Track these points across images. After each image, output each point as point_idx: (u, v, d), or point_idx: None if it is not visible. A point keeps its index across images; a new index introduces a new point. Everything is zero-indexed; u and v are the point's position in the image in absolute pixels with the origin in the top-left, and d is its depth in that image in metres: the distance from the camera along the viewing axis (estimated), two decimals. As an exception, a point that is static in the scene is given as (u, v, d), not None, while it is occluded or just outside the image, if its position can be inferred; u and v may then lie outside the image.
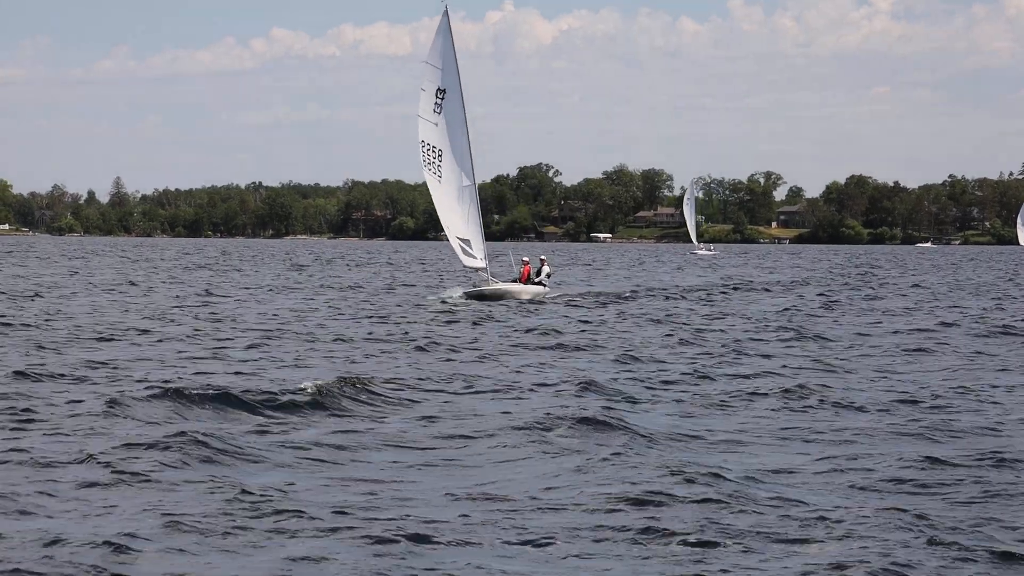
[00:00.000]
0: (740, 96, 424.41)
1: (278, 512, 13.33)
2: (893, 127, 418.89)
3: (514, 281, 53.31)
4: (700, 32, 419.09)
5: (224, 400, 20.41)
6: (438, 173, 51.48)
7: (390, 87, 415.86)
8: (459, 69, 50.98)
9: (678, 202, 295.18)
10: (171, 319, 38.97)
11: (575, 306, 48.13)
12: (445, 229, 51.96)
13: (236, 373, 24.64)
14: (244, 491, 14.10)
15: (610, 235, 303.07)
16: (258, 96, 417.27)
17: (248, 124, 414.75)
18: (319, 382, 22.08)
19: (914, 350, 31.36)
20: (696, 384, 24.07)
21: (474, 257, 51.82)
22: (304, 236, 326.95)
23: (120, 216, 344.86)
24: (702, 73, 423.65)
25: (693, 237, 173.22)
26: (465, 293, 51.50)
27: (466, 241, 51.61)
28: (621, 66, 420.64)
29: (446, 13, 50.95)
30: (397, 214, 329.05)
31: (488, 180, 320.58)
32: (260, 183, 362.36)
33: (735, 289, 64.37)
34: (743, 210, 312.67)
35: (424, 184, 52.97)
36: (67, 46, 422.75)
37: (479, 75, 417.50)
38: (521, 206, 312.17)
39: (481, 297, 50.41)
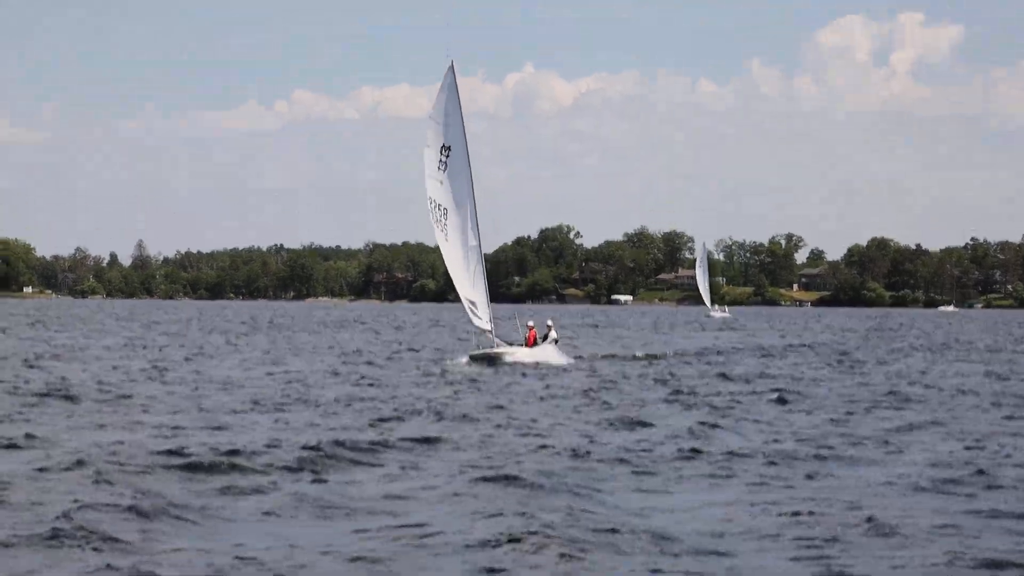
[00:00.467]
0: (760, 157, 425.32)
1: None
2: (914, 188, 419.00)
3: (520, 345, 51.58)
4: (720, 93, 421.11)
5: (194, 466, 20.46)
6: (445, 232, 50.29)
7: (411, 148, 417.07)
8: (465, 126, 49.67)
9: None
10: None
11: (575, 371, 46.99)
12: (457, 289, 50.92)
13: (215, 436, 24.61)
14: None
15: (631, 297, 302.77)
16: (280, 158, 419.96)
17: (270, 186, 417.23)
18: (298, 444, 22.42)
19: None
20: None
21: (480, 319, 50.72)
22: (325, 298, 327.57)
23: (142, 279, 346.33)
24: (722, 134, 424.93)
25: (707, 299, 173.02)
26: (470, 356, 50.20)
27: (473, 303, 50.58)
28: (641, 127, 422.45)
29: (451, 69, 49.68)
30: (418, 276, 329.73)
31: (509, 242, 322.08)
32: (282, 245, 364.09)
33: (731, 352, 63.17)
34: (764, 272, 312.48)
35: None
36: (89, 108, 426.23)
37: (498, 136, 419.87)
38: (542, 268, 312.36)
39: (486, 360, 49.02)
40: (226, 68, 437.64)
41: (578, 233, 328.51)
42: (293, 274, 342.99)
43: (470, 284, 50.59)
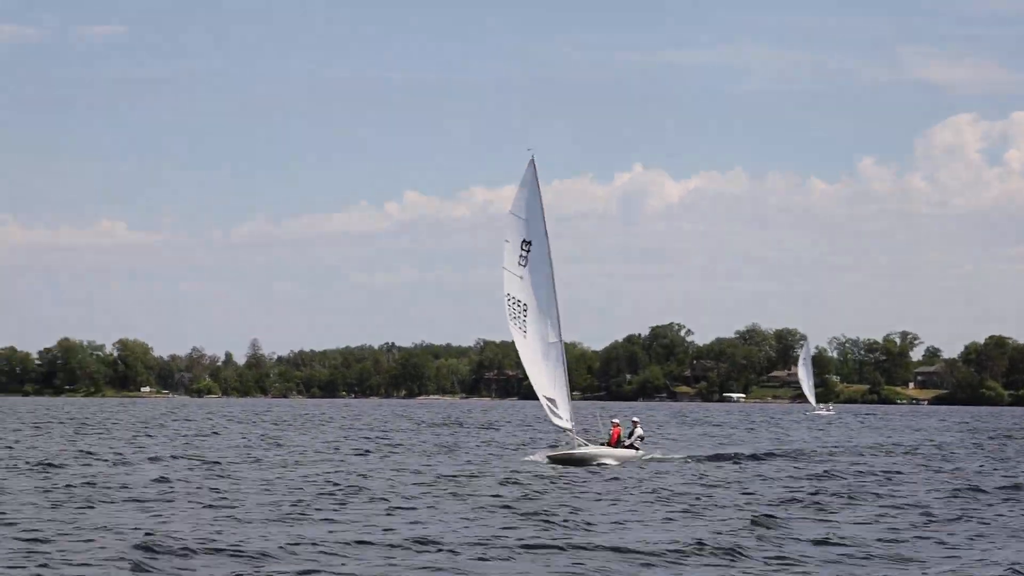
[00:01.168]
0: (873, 255, 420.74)
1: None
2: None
3: (603, 444, 49.93)
4: (830, 192, 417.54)
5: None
6: (523, 328, 49.09)
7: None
8: (545, 220, 49.16)
9: (812, 362, 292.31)
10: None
11: (658, 473, 45.04)
12: (534, 387, 49.24)
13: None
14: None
15: (743, 395, 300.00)
16: (391, 257, 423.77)
17: (381, 285, 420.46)
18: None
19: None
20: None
21: (560, 417, 48.88)
22: (436, 396, 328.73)
23: (257, 377, 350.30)
24: (833, 233, 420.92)
25: (810, 397, 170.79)
26: (548, 457, 48.68)
27: (552, 400, 48.77)
28: (750, 226, 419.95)
29: (532, 163, 49.39)
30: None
31: (620, 339, 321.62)
32: (393, 343, 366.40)
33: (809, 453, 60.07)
34: (879, 370, 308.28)
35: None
36: (206, 212, 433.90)
37: (607, 235, 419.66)
38: (653, 366, 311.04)
39: (567, 461, 47.37)
40: (337, 170, 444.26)
41: (689, 331, 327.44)
42: (405, 372, 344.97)
43: (550, 381, 49.01)
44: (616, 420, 51.72)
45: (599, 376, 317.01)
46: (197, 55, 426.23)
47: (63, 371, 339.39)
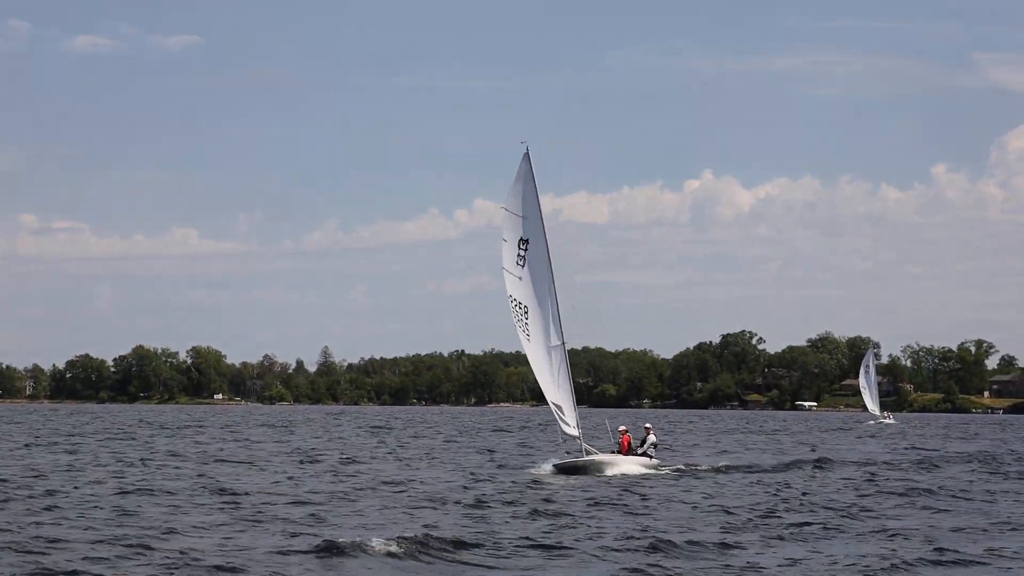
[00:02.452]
0: (947, 263, 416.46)
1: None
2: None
3: (613, 452, 47.80)
4: (903, 199, 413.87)
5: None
6: (527, 331, 46.01)
7: (590, 255, 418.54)
8: (543, 216, 46.16)
9: (885, 370, 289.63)
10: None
11: (666, 481, 43.36)
12: (543, 391, 46.43)
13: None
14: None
15: (815, 403, 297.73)
16: (461, 265, 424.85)
17: (451, 293, 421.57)
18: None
19: None
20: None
21: (568, 424, 46.22)
22: (507, 404, 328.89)
23: (328, 385, 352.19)
24: (906, 240, 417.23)
25: (872, 406, 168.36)
26: (555, 466, 46.63)
27: (558, 407, 46.17)
28: (821, 233, 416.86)
29: (527, 156, 46.03)
30: (599, 381, 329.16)
31: (691, 347, 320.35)
32: (463, 351, 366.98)
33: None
34: (953, 379, 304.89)
35: (627, 351, 49.87)
36: (278, 220, 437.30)
37: (677, 243, 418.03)
38: (724, 374, 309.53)
39: (573, 470, 45.30)
40: (407, 178, 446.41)
41: (760, 339, 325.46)
42: (476, 379, 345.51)
43: (555, 386, 46.20)
44: (623, 427, 49.60)
45: (669, 384, 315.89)
46: (270, 65, 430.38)
47: (138, 378, 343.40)
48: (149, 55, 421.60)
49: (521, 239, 46.06)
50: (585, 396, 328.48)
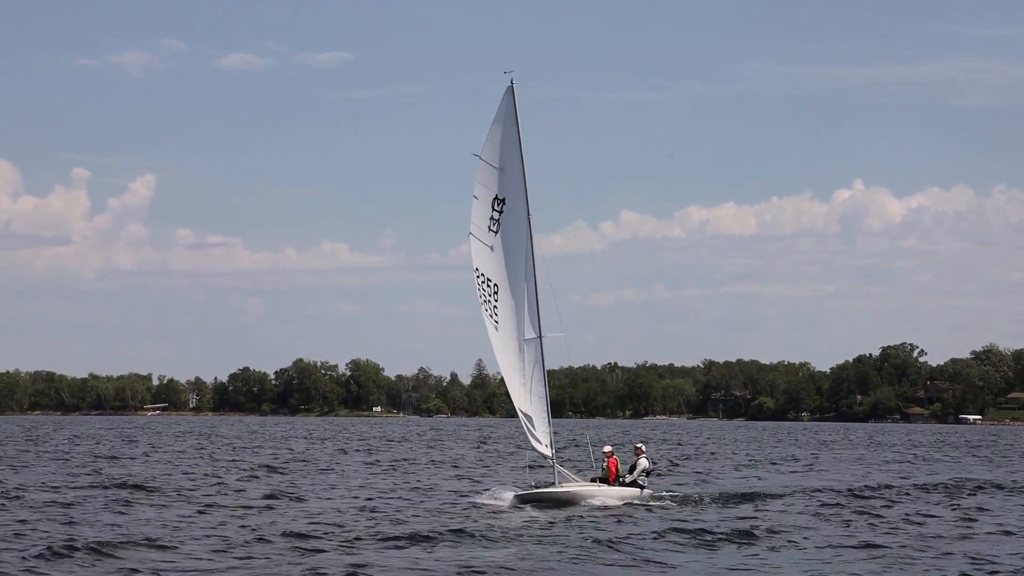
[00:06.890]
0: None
1: None
2: None
3: (596, 480, 38.19)
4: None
5: None
6: (495, 317, 36.12)
7: (734, 266, 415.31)
8: (525, 170, 36.32)
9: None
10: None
11: (668, 517, 34.75)
12: (511, 396, 36.50)
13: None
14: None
15: (980, 417, 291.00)
16: (607, 277, 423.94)
17: (599, 305, 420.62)
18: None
19: None
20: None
21: (538, 441, 36.49)
22: (663, 416, 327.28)
23: (484, 397, 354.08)
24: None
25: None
26: (516, 496, 36.63)
27: (528, 417, 36.33)
28: (975, 243, 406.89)
29: (511, 90, 36.78)
30: (756, 394, 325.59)
31: (849, 360, 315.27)
32: (616, 363, 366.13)
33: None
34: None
35: (784, 363, 40.66)
36: (424, 234, 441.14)
37: (826, 254, 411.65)
38: (885, 387, 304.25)
39: (540, 501, 35.70)
40: (553, 191, 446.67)
41: (922, 351, 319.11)
42: (631, 392, 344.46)
43: (525, 391, 36.24)
44: (608, 448, 38.75)
45: (828, 397, 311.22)
46: (412, 82, 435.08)
47: (298, 391, 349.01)
48: (297, 71, 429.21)
49: (496, 198, 36.46)
50: (743, 409, 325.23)
